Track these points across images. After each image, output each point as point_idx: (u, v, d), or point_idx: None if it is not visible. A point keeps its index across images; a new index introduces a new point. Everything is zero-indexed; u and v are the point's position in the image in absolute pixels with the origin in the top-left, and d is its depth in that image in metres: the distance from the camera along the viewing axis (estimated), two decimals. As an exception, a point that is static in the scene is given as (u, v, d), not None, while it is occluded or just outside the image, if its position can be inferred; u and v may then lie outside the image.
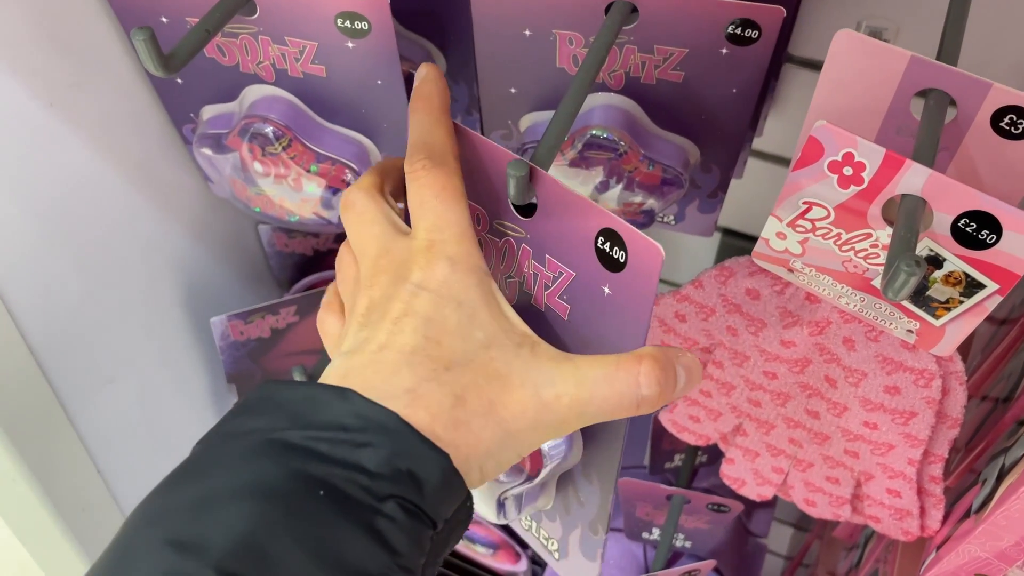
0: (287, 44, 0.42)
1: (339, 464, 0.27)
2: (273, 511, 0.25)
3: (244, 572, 0.24)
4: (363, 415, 0.28)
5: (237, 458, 0.27)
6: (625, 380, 0.30)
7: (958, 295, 0.35)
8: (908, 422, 0.42)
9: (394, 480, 0.27)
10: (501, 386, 0.30)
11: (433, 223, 0.32)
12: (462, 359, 0.30)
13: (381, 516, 0.27)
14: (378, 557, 0.26)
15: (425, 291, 0.31)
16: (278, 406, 0.28)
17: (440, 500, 0.28)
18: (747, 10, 0.40)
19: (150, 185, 0.52)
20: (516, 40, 0.44)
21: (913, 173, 0.32)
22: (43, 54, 0.42)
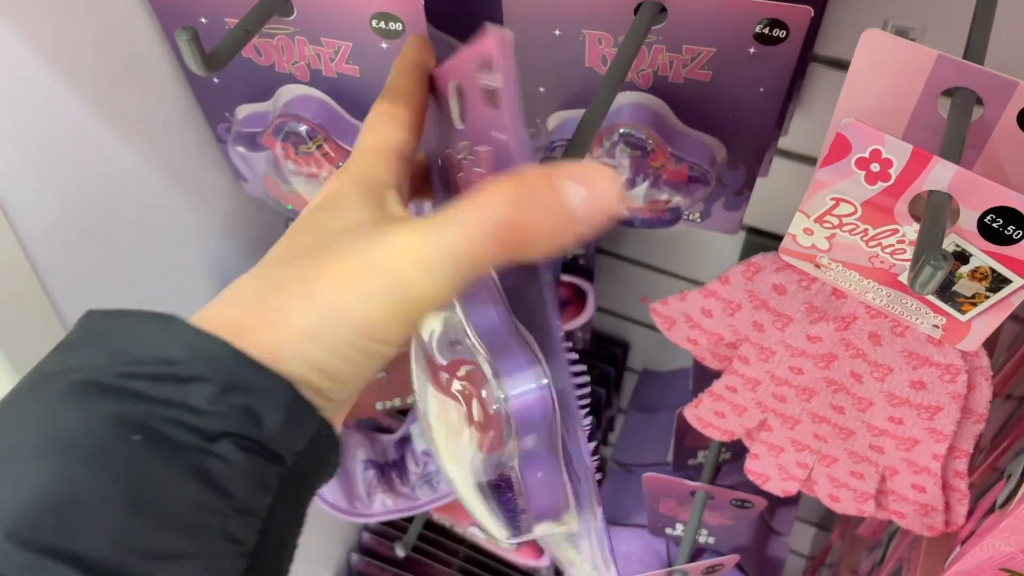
0: (322, 44, 0.43)
1: (160, 403, 0.24)
2: (75, 463, 0.22)
3: (40, 535, 0.21)
4: (189, 345, 0.24)
5: (41, 406, 0.24)
6: (474, 208, 0.25)
7: (984, 290, 0.35)
8: (933, 417, 0.42)
9: (227, 416, 0.24)
10: (327, 261, 0.26)
11: (354, 150, 0.31)
12: (301, 252, 0.27)
13: (212, 456, 0.24)
14: (209, 502, 0.23)
15: (311, 207, 0.29)
16: (98, 339, 0.25)
17: (285, 432, 0.25)
18: (775, 10, 0.40)
19: (186, 183, 0.53)
20: (546, 40, 0.45)
21: (940, 169, 0.33)
22: (88, 53, 0.43)
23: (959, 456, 0.44)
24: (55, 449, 0.22)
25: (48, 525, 0.21)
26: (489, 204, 0.25)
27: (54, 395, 0.24)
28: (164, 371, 0.24)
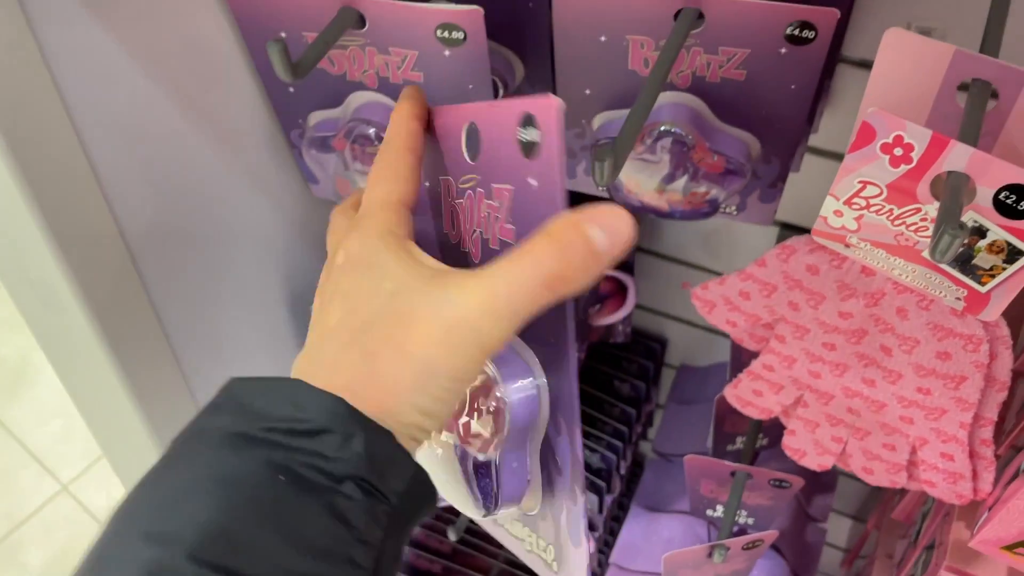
0: (391, 54, 0.47)
1: (297, 451, 0.29)
2: (237, 498, 0.28)
3: (216, 557, 0.27)
4: (315, 404, 0.30)
5: (203, 453, 0.30)
6: (526, 263, 0.30)
7: (1001, 262, 0.39)
8: (959, 386, 0.45)
9: (349, 462, 0.30)
10: (406, 324, 0.31)
11: (365, 207, 0.36)
12: (373, 316, 0.32)
13: (340, 495, 0.29)
14: (338, 533, 0.29)
15: (343, 269, 0.35)
16: (239, 403, 0.31)
17: (388, 475, 0.31)
18: (804, 12, 0.44)
19: (261, 184, 0.58)
20: (592, 45, 0.49)
21: (958, 152, 0.36)
22: (180, 64, 0.48)
23: (984, 424, 0.47)
24: (220, 487, 0.28)
25: (220, 549, 0.27)
26: (541, 259, 0.30)
27: (212, 445, 0.30)
28: (298, 426, 0.30)
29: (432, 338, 0.31)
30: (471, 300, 0.31)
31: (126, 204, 0.47)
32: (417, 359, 0.31)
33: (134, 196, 0.48)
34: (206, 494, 0.28)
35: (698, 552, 0.63)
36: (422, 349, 0.31)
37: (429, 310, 0.31)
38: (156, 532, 0.27)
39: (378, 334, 0.32)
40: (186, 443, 0.31)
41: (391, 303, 0.32)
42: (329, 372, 0.32)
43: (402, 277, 0.33)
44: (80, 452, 1.72)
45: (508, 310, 0.31)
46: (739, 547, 0.64)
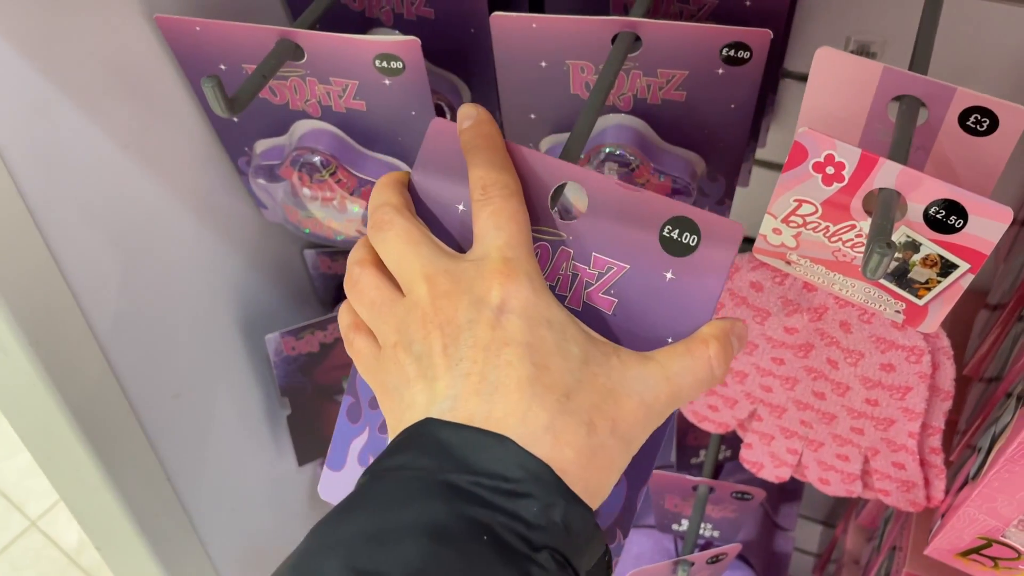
0: (331, 83, 0.47)
1: (501, 512, 0.28)
2: (444, 551, 0.27)
3: None
4: (522, 465, 0.29)
5: (410, 495, 0.29)
6: (702, 366, 0.32)
7: (936, 275, 0.39)
8: (905, 397, 0.46)
9: (548, 531, 0.29)
10: (615, 401, 0.31)
11: (507, 242, 0.32)
12: (573, 382, 0.31)
13: (535, 565, 0.28)
14: None
15: (512, 314, 0.31)
16: (441, 447, 0.30)
17: (583, 552, 0.30)
18: (738, 34, 0.44)
19: (210, 215, 0.57)
20: (533, 71, 0.49)
21: (887, 169, 0.37)
22: (119, 102, 0.48)
23: (932, 433, 0.48)
24: (429, 536, 0.27)
25: None
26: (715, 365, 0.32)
27: (419, 489, 0.29)
28: (503, 486, 0.29)
29: (638, 420, 0.31)
30: (663, 389, 0.32)
31: (68, 245, 0.46)
32: (628, 441, 0.31)
33: (76, 237, 0.47)
34: (413, 539, 0.27)
35: (662, 568, 0.63)
36: (633, 432, 0.31)
37: (633, 394, 0.31)
38: (364, 569, 0.27)
39: (591, 406, 0.31)
40: (386, 479, 0.30)
41: (588, 373, 0.31)
42: (548, 437, 0.30)
43: (586, 346, 0.32)
44: (48, 487, 1.69)
45: (682, 401, 0.32)
46: (703, 561, 0.64)
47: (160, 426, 0.58)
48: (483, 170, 0.34)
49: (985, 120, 0.40)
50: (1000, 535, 0.47)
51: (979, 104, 0.39)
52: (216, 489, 0.64)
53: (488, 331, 0.31)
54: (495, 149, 0.35)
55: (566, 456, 0.30)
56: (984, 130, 0.40)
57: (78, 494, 0.56)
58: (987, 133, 0.40)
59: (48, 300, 0.46)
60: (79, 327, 0.49)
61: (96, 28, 0.45)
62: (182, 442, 0.60)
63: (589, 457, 0.30)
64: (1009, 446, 0.42)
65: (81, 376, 0.50)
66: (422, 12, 0.53)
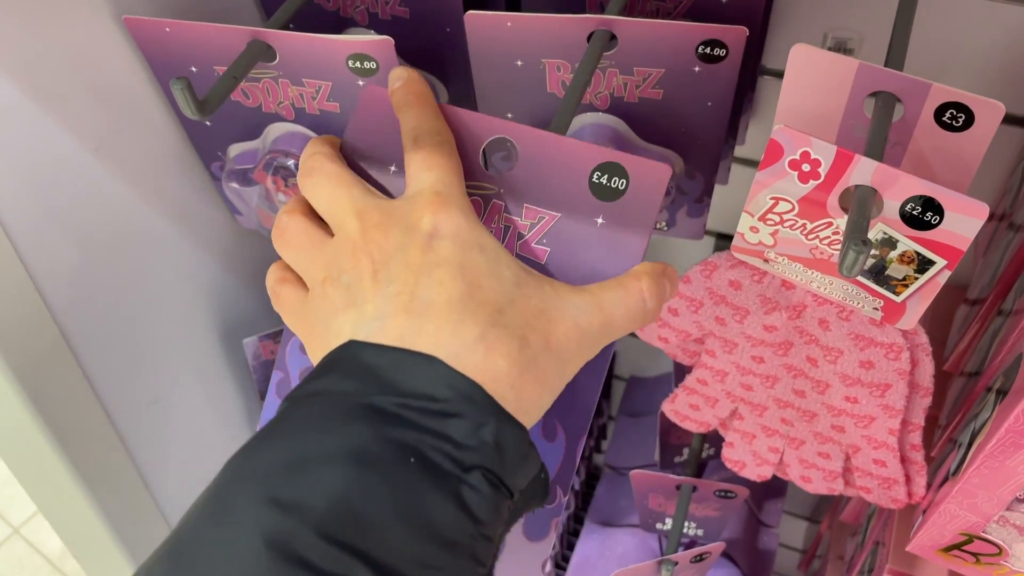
0: (304, 85, 0.47)
1: (428, 432, 0.27)
2: (369, 476, 0.26)
3: (342, 534, 0.25)
4: (451, 385, 0.28)
5: (331, 420, 0.28)
6: (634, 298, 0.33)
7: (913, 272, 0.39)
8: (884, 394, 0.46)
9: (479, 450, 0.28)
10: (548, 321, 0.31)
11: (439, 178, 0.33)
12: (506, 300, 0.31)
13: (466, 486, 0.27)
14: (464, 526, 0.27)
15: (444, 239, 0.31)
16: (366, 369, 0.29)
17: (518, 471, 0.29)
18: (713, 31, 0.44)
19: (184, 219, 0.57)
20: (509, 70, 0.48)
21: (863, 166, 0.37)
22: (87, 105, 0.47)
23: (913, 430, 0.48)
24: (352, 462, 0.26)
25: (349, 527, 0.25)
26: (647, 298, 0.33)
27: (342, 412, 0.28)
28: (431, 406, 0.28)
29: (572, 341, 0.31)
30: (596, 315, 0.32)
31: (38, 252, 0.46)
32: (561, 360, 0.31)
33: (46, 243, 0.46)
34: (337, 466, 0.26)
35: (647, 568, 0.63)
36: (567, 352, 0.31)
37: (566, 316, 0.31)
38: (282, 498, 0.26)
39: (523, 322, 0.30)
40: (309, 405, 0.29)
41: (521, 294, 0.31)
42: (480, 348, 0.29)
43: (518, 271, 0.32)
44: (30, 493, 1.68)
45: (615, 331, 0.33)
46: (687, 560, 0.64)
47: (138, 433, 0.57)
48: (415, 122, 0.35)
49: (961, 116, 0.39)
50: (981, 531, 0.47)
51: (955, 100, 0.39)
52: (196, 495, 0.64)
53: (419, 254, 0.31)
54: (427, 105, 0.35)
55: (499, 367, 0.29)
56: (960, 126, 0.40)
57: (55, 503, 0.55)
58: (963, 129, 0.40)
59: (18, 308, 0.45)
60: (51, 335, 0.48)
61: (64, 30, 0.45)
62: (160, 449, 0.60)
63: (522, 370, 0.29)
64: (988, 442, 0.42)
65: (55, 384, 0.49)
66: (397, 11, 0.53)
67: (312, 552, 0.25)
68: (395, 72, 0.37)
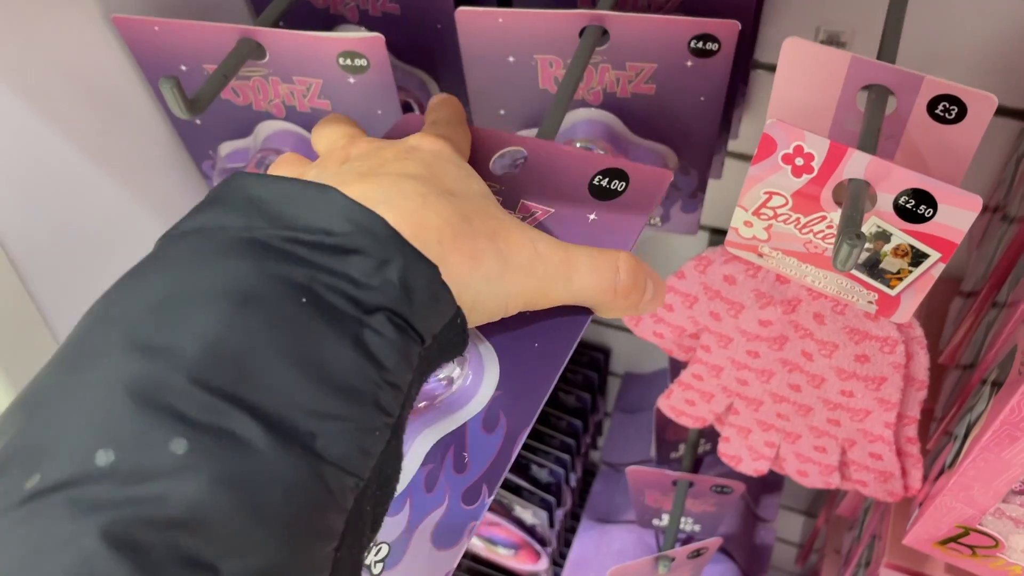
0: (295, 83, 0.47)
1: (322, 270, 0.25)
2: (251, 316, 0.23)
3: (220, 380, 0.22)
4: (350, 218, 0.25)
5: (208, 256, 0.24)
6: (606, 265, 0.31)
7: (907, 265, 0.39)
8: (880, 387, 0.46)
9: (383, 291, 0.25)
10: (500, 223, 0.30)
11: (442, 136, 0.33)
12: (463, 196, 0.29)
13: (368, 329, 0.25)
14: (366, 371, 0.24)
15: (422, 151, 0.31)
16: (252, 202, 0.26)
17: (429, 314, 0.26)
18: (706, 26, 0.44)
19: (175, 218, 0.56)
20: (501, 66, 0.48)
21: (856, 159, 0.37)
22: (77, 105, 0.47)
23: (908, 423, 0.48)
24: (229, 301, 0.23)
25: (227, 373, 0.22)
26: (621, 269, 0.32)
27: (220, 248, 0.25)
28: (325, 241, 0.25)
29: (524, 253, 0.30)
30: (559, 253, 0.30)
31: (30, 254, 0.45)
32: (505, 259, 0.29)
33: (37, 245, 0.46)
34: (213, 306, 0.23)
35: (644, 564, 0.63)
36: (513, 255, 0.29)
37: (522, 233, 0.30)
38: (147, 343, 0.22)
39: (472, 209, 0.29)
40: (184, 242, 0.25)
41: (484, 202, 0.30)
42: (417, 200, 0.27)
43: (488, 192, 0.31)
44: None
45: (578, 289, 0.31)
46: (684, 556, 0.63)
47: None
48: (439, 114, 0.36)
49: (954, 108, 0.39)
50: (977, 523, 0.47)
51: (947, 92, 0.39)
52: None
53: (394, 154, 0.30)
54: (457, 112, 0.37)
55: (429, 219, 0.27)
56: (953, 118, 0.40)
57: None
58: (956, 121, 0.40)
59: (9, 310, 0.45)
60: (43, 339, 0.48)
61: (52, 30, 0.44)
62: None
63: (456, 233, 0.27)
64: (984, 435, 0.42)
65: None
66: (387, 8, 0.53)
67: (183, 401, 0.21)
68: (437, 97, 0.38)
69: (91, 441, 0.21)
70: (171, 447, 0.21)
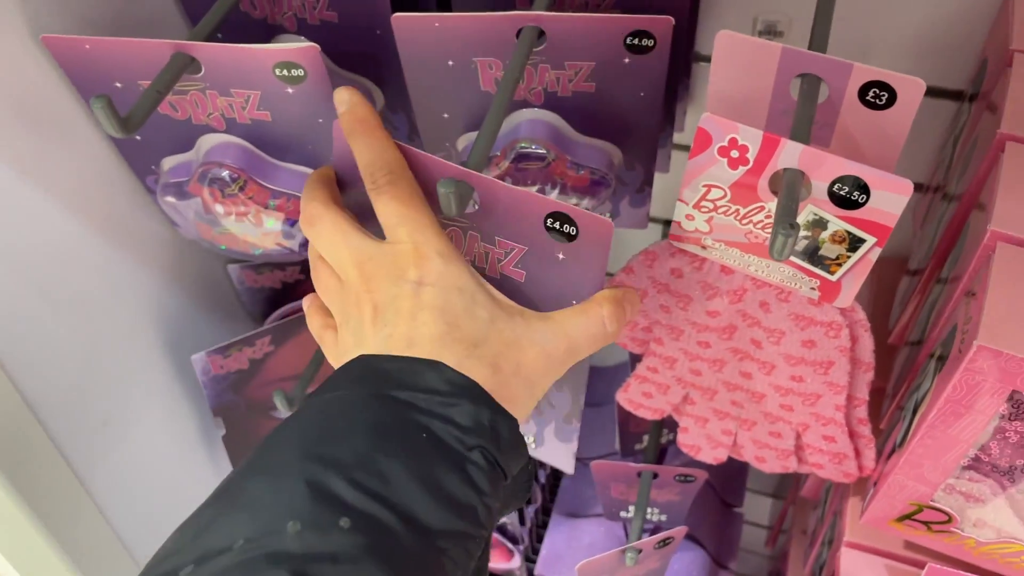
0: (233, 95, 0.46)
1: (436, 417, 0.33)
2: (388, 443, 0.32)
3: (368, 483, 0.30)
4: (452, 381, 0.34)
5: (355, 403, 0.33)
6: (596, 323, 0.38)
7: (845, 251, 0.40)
8: (828, 371, 0.46)
9: (479, 433, 0.33)
10: (519, 349, 0.37)
11: (412, 228, 0.37)
12: (480, 336, 0.36)
13: (469, 462, 0.33)
14: (469, 492, 0.32)
15: (427, 285, 0.36)
16: (379, 373, 0.34)
17: (510, 455, 0.35)
18: (639, 22, 0.44)
19: (121, 237, 0.56)
20: (441, 70, 0.48)
21: (789, 149, 0.37)
22: (9, 127, 0.46)
23: (858, 405, 0.49)
24: (373, 431, 0.32)
25: (374, 479, 0.31)
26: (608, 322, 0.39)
27: (361, 400, 0.33)
28: (436, 398, 0.34)
29: (540, 367, 0.37)
30: (561, 342, 0.38)
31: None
32: (531, 383, 0.37)
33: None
34: (362, 434, 0.32)
35: (611, 557, 0.63)
36: (535, 375, 0.37)
37: (535, 344, 0.37)
38: (319, 455, 0.31)
39: (495, 353, 0.36)
40: (332, 396, 0.34)
41: (494, 329, 0.36)
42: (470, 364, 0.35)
43: (492, 308, 0.37)
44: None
45: (580, 353, 0.39)
46: (651, 547, 0.64)
47: (87, 458, 0.56)
48: (365, 157, 0.39)
49: (883, 94, 0.40)
50: (929, 500, 0.48)
51: (876, 79, 0.40)
52: (154, 517, 0.63)
53: (407, 301, 0.36)
54: (370, 131, 0.39)
55: (483, 374, 0.35)
56: (883, 104, 0.40)
57: (5, 536, 0.54)
58: (886, 106, 0.40)
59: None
60: (-12, 365, 0.47)
61: (-20, 52, 0.44)
62: (113, 472, 0.59)
63: (496, 389, 0.35)
64: (929, 412, 0.43)
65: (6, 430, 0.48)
66: (325, 16, 0.52)
67: (346, 494, 0.30)
68: (338, 96, 0.41)
69: (283, 516, 0.29)
70: (340, 523, 0.29)
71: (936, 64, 0.59)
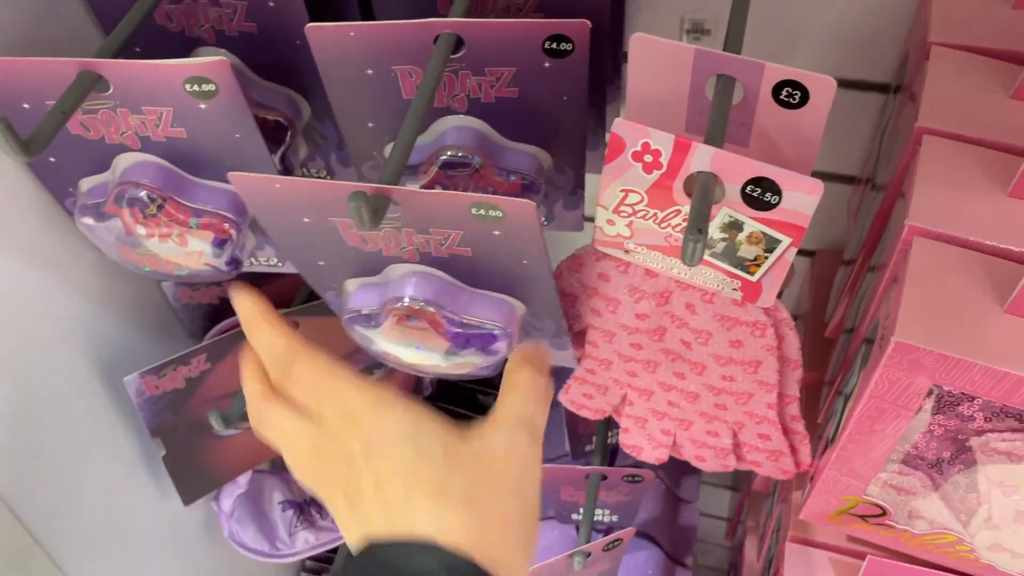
0: (145, 113, 0.45)
1: None
2: None
3: None
4: (447, 564, 0.34)
5: None
6: (530, 391, 0.40)
7: (762, 252, 0.40)
8: (757, 370, 0.46)
9: None
10: (482, 471, 0.37)
11: (333, 400, 0.39)
12: (440, 474, 0.36)
13: None
14: None
15: (375, 453, 0.37)
16: (383, 564, 0.35)
17: None
18: (556, 27, 0.44)
19: (42, 261, 0.54)
20: (361, 80, 0.48)
21: (701, 153, 0.37)
22: (-85, 154, 0.45)
23: (789, 402, 0.49)
24: None
25: None
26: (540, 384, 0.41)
27: None
28: None
29: (511, 472, 0.37)
30: (512, 434, 0.38)
31: None
32: (515, 493, 0.37)
33: None
34: None
35: (559, 563, 0.63)
36: (511, 482, 0.37)
37: (494, 453, 0.38)
38: None
39: (463, 487, 0.36)
40: None
41: (451, 461, 0.37)
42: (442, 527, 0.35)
43: (438, 434, 0.38)
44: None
45: (537, 419, 0.40)
46: (599, 549, 0.64)
47: (20, 491, 0.55)
48: (262, 354, 0.42)
49: (796, 93, 0.40)
50: (863, 494, 0.48)
51: (788, 78, 0.40)
52: (99, 546, 0.61)
53: (369, 478, 0.37)
54: (255, 326, 0.42)
55: (459, 540, 0.34)
56: (797, 102, 0.40)
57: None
58: (800, 105, 0.40)
59: None
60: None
61: None
62: (50, 504, 0.57)
63: (481, 528, 0.35)
64: (856, 409, 0.43)
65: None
66: (243, 27, 0.51)
67: None
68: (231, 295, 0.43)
69: None
70: None
71: (862, 57, 0.60)
